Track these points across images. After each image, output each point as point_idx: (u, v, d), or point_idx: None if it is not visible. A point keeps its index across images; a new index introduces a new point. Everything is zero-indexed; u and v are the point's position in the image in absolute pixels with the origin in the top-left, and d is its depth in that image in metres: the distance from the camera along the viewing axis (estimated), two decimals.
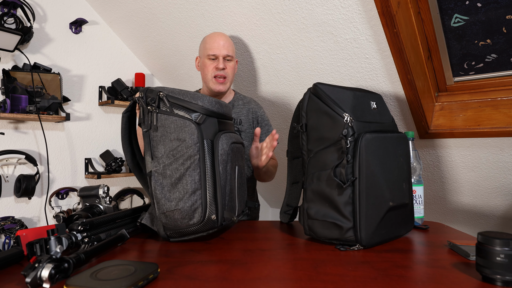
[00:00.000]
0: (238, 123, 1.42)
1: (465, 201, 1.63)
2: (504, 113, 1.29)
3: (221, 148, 0.87)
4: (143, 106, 0.88)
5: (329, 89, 0.84)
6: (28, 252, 0.68)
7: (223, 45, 1.37)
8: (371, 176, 0.78)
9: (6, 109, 1.63)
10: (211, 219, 0.83)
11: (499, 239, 0.55)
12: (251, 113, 1.45)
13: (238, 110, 1.45)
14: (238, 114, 1.44)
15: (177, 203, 0.83)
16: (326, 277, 0.61)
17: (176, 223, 0.84)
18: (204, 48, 1.39)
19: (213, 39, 1.38)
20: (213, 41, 1.37)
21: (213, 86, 1.37)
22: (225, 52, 1.36)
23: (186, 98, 0.87)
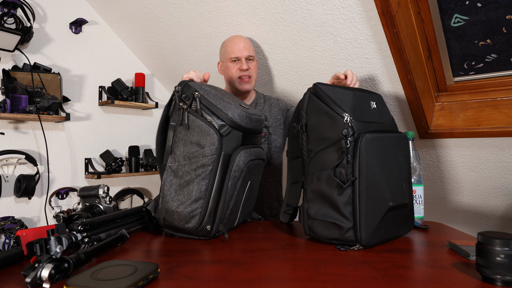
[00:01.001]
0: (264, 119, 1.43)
1: (465, 201, 1.63)
2: (504, 113, 1.29)
3: (236, 165, 0.88)
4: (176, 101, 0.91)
5: (329, 89, 0.84)
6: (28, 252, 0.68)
7: (243, 46, 1.41)
8: (371, 176, 0.78)
9: (6, 109, 1.63)
10: (205, 229, 0.87)
11: (499, 239, 0.55)
12: (274, 107, 1.48)
13: (261, 107, 1.48)
14: (262, 111, 1.47)
15: (178, 206, 0.86)
16: (326, 277, 0.61)
17: (173, 222, 0.88)
18: (226, 52, 1.44)
19: (233, 42, 1.43)
20: (234, 45, 1.42)
21: (239, 86, 1.42)
22: (247, 53, 1.41)
23: (219, 105, 0.88)
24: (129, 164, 2.15)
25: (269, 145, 1.43)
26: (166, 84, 2.36)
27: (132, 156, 2.14)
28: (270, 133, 1.43)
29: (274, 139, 1.44)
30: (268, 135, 1.43)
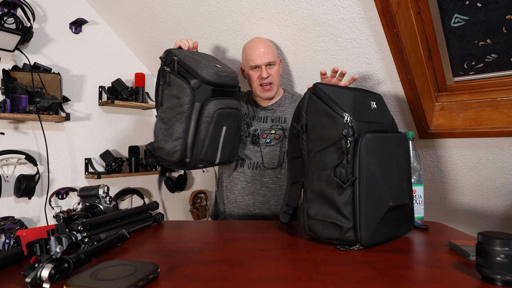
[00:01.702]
0: (283, 121, 1.43)
1: (465, 201, 1.63)
2: (504, 113, 1.29)
3: (206, 111, 1.15)
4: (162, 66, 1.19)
5: (329, 89, 0.84)
6: (28, 252, 0.68)
7: (263, 53, 1.37)
8: (371, 176, 0.78)
9: (6, 109, 1.63)
10: (185, 161, 1.16)
11: (499, 239, 0.55)
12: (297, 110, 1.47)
13: (284, 108, 1.46)
14: (283, 112, 1.45)
15: (164, 144, 1.16)
16: (326, 277, 0.61)
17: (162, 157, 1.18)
18: (246, 59, 1.42)
19: (252, 49, 1.39)
20: (253, 51, 1.38)
21: (260, 94, 1.42)
22: (266, 60, 1.37)
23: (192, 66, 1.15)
24: (129, 164, 2.15)
25: (282, 148, 1.41)
26: None
27: (132, 156, 2.14)
28: (285, 136, 1.41)
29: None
30: (283, 138, 1.41)
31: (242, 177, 1.43)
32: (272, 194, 1.42)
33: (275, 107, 1.47)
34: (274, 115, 1.45)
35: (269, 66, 1.39)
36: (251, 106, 1.50)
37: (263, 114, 1.46)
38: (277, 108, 1.46)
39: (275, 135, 1.41)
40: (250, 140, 1.43)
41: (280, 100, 1.48)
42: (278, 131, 1.42)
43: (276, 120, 1.44)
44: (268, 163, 1.41)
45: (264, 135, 1.42)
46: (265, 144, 1.41)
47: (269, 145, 1.41)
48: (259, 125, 1.44)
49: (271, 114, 1.45)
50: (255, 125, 1.44)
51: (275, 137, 1.41)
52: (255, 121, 1.46)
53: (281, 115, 1.44)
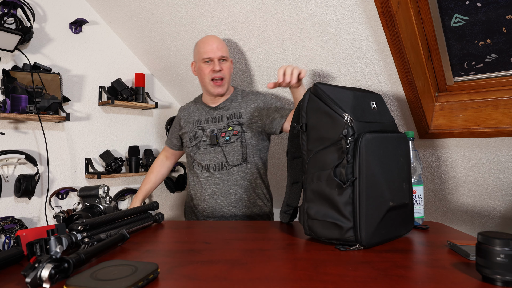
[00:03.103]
0: (238, 116, 1.44)
1: (465, 201, 1.63)
2: (504, 113, 1.29)
3: None
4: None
5: (329, 89, 0.84)
6: (28, 252, 0.68)
7: (216, 47, 1.40)
8: (371, 176, 0.78)
9: (6, 109, 1.63)
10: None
11: (499, 239, 0.55)
12: (251, 103, 1.46)
13: (237, 104, 1.47)
14: (237, 108, 1.46)
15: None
16: (326, 277, 0.61)
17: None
18: (199, 52, 1.43)
19: (206, 43, 1.42)
20: (207, 45, 1.40)
21: (212, 89, 1.43)
22: (220, 54, 1.40)
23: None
24: (129, 164, 2.15)
25: (243, 142, 1.41)
26: (166, 84, 2.36)
27: (132, 156, 2.14)
28: (243, 130, 1.42)
29: (248, 137, 1.42)
30: (242, 133, 1.41)
31: (211, 181, 1.42)
32: (243, 191, 1.42)
33: (228, 104, 1.48)
34: (228, 112, 1.46)
35: (222, 61, 1.41)
36: (203, 110, 1.51)
37: (217, 113, 1.47)
38: (230, 105, 1.47)
39: (233, 131, 1.41)
40: (209, 143, 1.42)
41: (232, 97, 1.50)
42: (236, 127, 1.42)
43: (231, 117, 1.44)
44: (232, 161, 1.41)
45: (222, 133, 1.42)
46: (225, 142, 1.41)
47: (230, 143, 1.40)
48: (215, 125, 1.44)
49: (225, 111, 1.46)
50: (211, 126, 1.44)
51: (233, 133, 1.41)
52: (210, 123, 1.46)
53: (236, 111, 1.45)
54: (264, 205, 1.48)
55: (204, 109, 1.51)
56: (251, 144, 1.42)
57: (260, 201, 1.47)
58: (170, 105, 2.46)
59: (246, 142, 1.41)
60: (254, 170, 1.44)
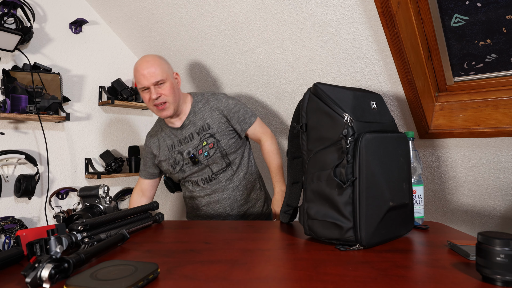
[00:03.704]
0: (207, 128, 1.38)
1: (465, 201, 1.63)
2: (504, 113, 1.29)
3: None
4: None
5: (329, 89, 0.84)
6: (28, 252, 0.68)
7: (148, 73, 1.28)
8: (371, 176, 0.78)
9: (6, 109, 1.63)
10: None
11: (499, 239, 0.55)
12: (214, 110, 1.39)
13: (201, 114, 1.40)
14: (203, 118, 1.39)
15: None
16: (326, 277, 0.61)
17: None
18: (135, 80, 1.34)
19: (137, 70, 1.31)
20: (138, 73, 1.30)
21: (158, 114, 1.35)
22: (153, 80, 1.28)
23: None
24: (129, 164, 2.15)
25: (222, 151, 1.38)
26: None
27: (132, 156, 2.14)
28: (218, 140, 1.37)
29: (224, 143, 1.38)
30: (217, 143, 1.37)
31: (203, 193, 1.43)
32: (235, 192, 1.43)
33: (192, 118, 1.40)
34: (196, 127, 1.39)
35: (159, 85, 1.30)
36: (170, 133, 1.44)
37: (185, 132, 1.40)
38: (194, 118, 1.40)
39: (208, 145, 1.37)
40: (191, 164, 1.39)
41: (193, 108, 1.41)
42: (209, 139, 1.37)
43: (201, 131, 1.38)
44: (218, 171, 1.40)
45: (199, 151, 1.37)
46: (205, 158, 1.37)
47: (210, 157, 1.37)
48: (188, 146, 1.39)
49: (193, 127, 1.39)
50: (186, 148, 1.39)
51: (209, 146, 1.37)
52: (183, 144, 1.40)
53: (203, 123, 1.39)
54: (257, 196, 1.50)
55: (171, 132, 1.43)
56: (230, 149, 1.39)
57: (254, 194, 1.49)
58: None
59: (225, 149, 1.38)
60: (240, 168, 1.45)
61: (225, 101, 1.41)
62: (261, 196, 1.52)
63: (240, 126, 1.41)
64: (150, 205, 1.09)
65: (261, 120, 1.48)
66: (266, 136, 1.47)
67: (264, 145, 1.46)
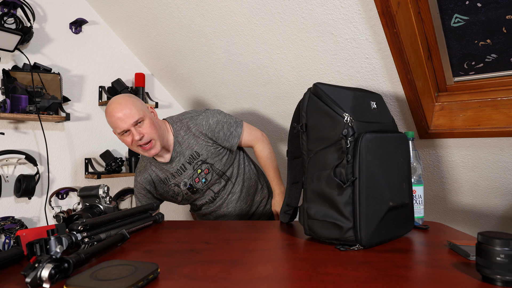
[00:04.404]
0: (197, 156, 1.32)
1: (465, 201, 1.63)
2: (504, 113, 1.29)
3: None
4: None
5: (329, 89, 0.84)
6: (28, 252, 0.68)
7: (124, 115, 1.17)
8: (371, 176, 0.78)
9: (6, 109, 1.63)
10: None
11: (499, 239, 0.55)
12: (198, 136, 1.31)
13: (187, 143, 1.31)
14: (190, 146, 1.31)
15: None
16: (326, 277, 0.61)
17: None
18: (111, 126, 1.23)
19: (112, 115, 1.19)
20: (114, 118, 1.18)
21: (146, 154, 1.25)
22: (131, 121, 1.18)
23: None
24: (129, 164, 2.15)
25: (219, 172, 1.35)
26: (166, 84, 2.36)
27: (132, 156, 2.14)
28: (211, 164, 1.33)
29: (218, 165, 1.34)
30: (211, 167, 1.33)
31: (209, 210, 1.44)
32: (240, 202, 1.43)
33: (178, 149, 1.31)
34: (185, 157, 1.32)
35: (138, 125, 1.20)
36: (161, 169, 1.36)
37: (175, 165, 1.33)
38: (181, 149, 1.32)
39: (203, 171, 1.33)
40: (191, 193, 1.36)
41: (175, 138, 1.31)
42: (203, 166, 1.32)
43: (192, 160, 1.32)
44: (218, 189, 1.39)
45: (196, 179, 1.34)
46: (204, 184, 1.35)
47: (208, 182, 1.35)
48: (183, 177, 1.34)
49: (182, 159, 1.32)
50: (181, 180, 1.34)
51: (205, 173, 1.33)
52: (177, 177, 1.34)
53: (191, 152, 1.31)
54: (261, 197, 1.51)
55: (161, 167, 1.35)
56: (225, 167, 1.37)
57: (258, 197, 1.49)
58: (170, 105, 2.46)
59: (221, 170, 1.36)
60: (239, 178, 1.43)
61: (206, 123, 1.31)
62: (264, 195, 1.52)
63: (228, 143, 1.34)
64: (150, 205, 1.09)
65: (248, 125, 1.42)
66: (257, 142, 1.42)
67: (256, 151, 1.44)
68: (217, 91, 2.06)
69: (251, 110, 2.03)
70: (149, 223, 1.04)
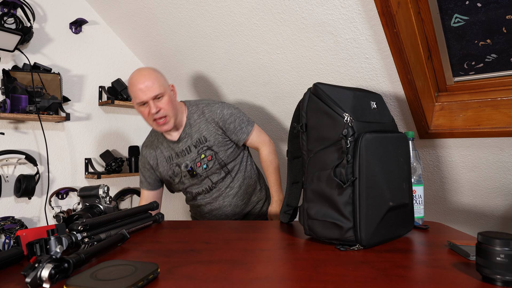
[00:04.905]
0: (204, 141, 1.35)
1: (465, 201, 1.63)
2: (504, 113, 1.29)
3: None
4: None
5: (329, 89, 0.84)
6: (28, 252, 0.68)
7: (146, 87, 1.23)
8: (371, 176, 0.78)
9: (6, 109, 1.63)
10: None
11: (499, 239, 0.55)
12: (210, 122, 1.36)
13: (197, 127, 1.36)
14: (200, 131, 1.36)
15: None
16: (326, 277, 0.61)
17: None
18: (132, 96, 1.29)
19: (133, 85, 1.25)
20: (135, 88, 1.24)
21: (158, 129, 1.31)
22: (151, 94, 1.24)
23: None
24: (129, 164, 2.15)
25: (221, 162, 1.37)
26: None
27: (132, 156, 2.14)
28: (216, 152, 1.35)
29: (222, 155, 1.37)
30: (215, 155, 1.36)
31: (205, 201, 1.44)
32: (236, 197, 1.44)
33: (188, 130, 1.36)
34: (192, 139, 1.36)
35: (158, 99, 1.26)
36: (167, 145, 1.40)
37: (182, 146, 1.37)
38: (190, 131, 1.36)
39: (206, 157, 1.35)
40: (189, 177, 1.37)
41: (188, 120, 1.37)
42: (207, 152, 1.35)
43: (198, 144, 1.36)
44: (217, 180, 1.40)
45: (198, 163, 1.35)
46: (204, 171, 1.36)
47: (208, 169, 1.36)
48: (186, 158, 1.36)
49: (190, 140, 1.36)
50: (183, 161, 1.37)
51: (208, 159, 1.35)
52: (180, 157, 1.37)
53: (199, 135, 1.36)
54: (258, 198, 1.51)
55: (168, 144, 1.40)
56: (228, 159, 1.39)
57: (255, 197, 1.50)
58: None
59: (223, 160, 1.37)
60: (239, 174, 1.44)
61: (220, 112, 1.36)
62: (262, 197, 1.53)
63: (236, 137, 1.38)
64: (150, 205, 1.09)
65: (258, 128, 1.46)
66: (263, 145, 1.45)
67: (261, 154, 1.45)
68: (217, 91, 2.06)
69: (251, 110, 2.03)
70: (149, 223, 1.04)
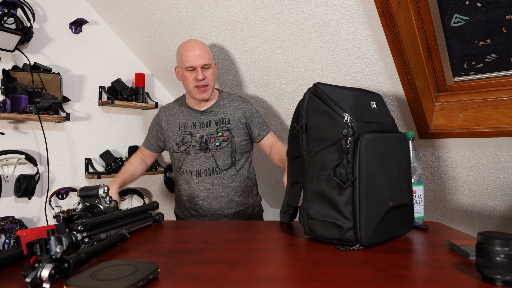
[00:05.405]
0: (227, 122, 1.45)
1: (465, 201, 1.63)
2: (504, 113, 1.29)
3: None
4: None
5: (329, 89, 0.84)
6: (28, 252, 0.68)
7: (198, 55, 1.37)
8: (371, 176, 0.78)
9: (6, 109, 1.63)
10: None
11: (499, 239, 0.55)
12: (238, 110, 1.48)
13: (225, 109, 1.47)
14: (225, 113, 1.46)
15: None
16: (326, 277, 0.61)
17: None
18: (181, 60, 1.40)
19: (188, 50, 1.38)
20: (189, 52, 1.37)
21: (196, 95, 1.41)
22: (202, 62, 1.37)
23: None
24: None
25: (233, 147, 1.42)
26: (166, 84, 2.36)
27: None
28: (233, 136, 1.43)
29: (237, 141, 1.44)
30: (231, 138, 1.42)
31: (202, 186, 1.43)
32: (234, 192, 1.45)
33: (215, 108, 1.47)
34: (216, 117, 1.45)
35: (205, 69, 1.39)
36: (188, 114, 1.48)
37: (204, 118, 1.45)
38: (217, 110, 1.46)
39: (223, 137, 1.41)
40: (198, 148, 1.41)
41: (219, 101, 1.49)
42: (225, 132, 1.42)
43: (220, 122, 1.44)
44: (222, 165, 1.42)
45: (212, 139, 1.41)
46: (215, 148, 1.41)
47: (220, 148, 1.41)
48: (203, 130, 1.43)
49: (213, 116, 1.45)
50: (200, 132, 1.43)
51: (223, 139, 1.41)
52: (198, 128, 1.44)
53: (224, 116, 1.45)
54: (254, 202, 1.54)
55: (189, 113, 1.48)
56: (240, 149, 1.45)
57: (251, 199, 1.52)
58: None
59: (236, 147, 1.43)
60: (242, 171, 1.48)
61: (249, 106, 1.50)
62: (256, 203, 1.56)
63: (258, 131, 1.49)
64: (150, 205, 1.09)
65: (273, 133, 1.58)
66: (279, 141, 1.53)
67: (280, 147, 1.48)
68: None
69: None
70: (149, 223, 1.04)
